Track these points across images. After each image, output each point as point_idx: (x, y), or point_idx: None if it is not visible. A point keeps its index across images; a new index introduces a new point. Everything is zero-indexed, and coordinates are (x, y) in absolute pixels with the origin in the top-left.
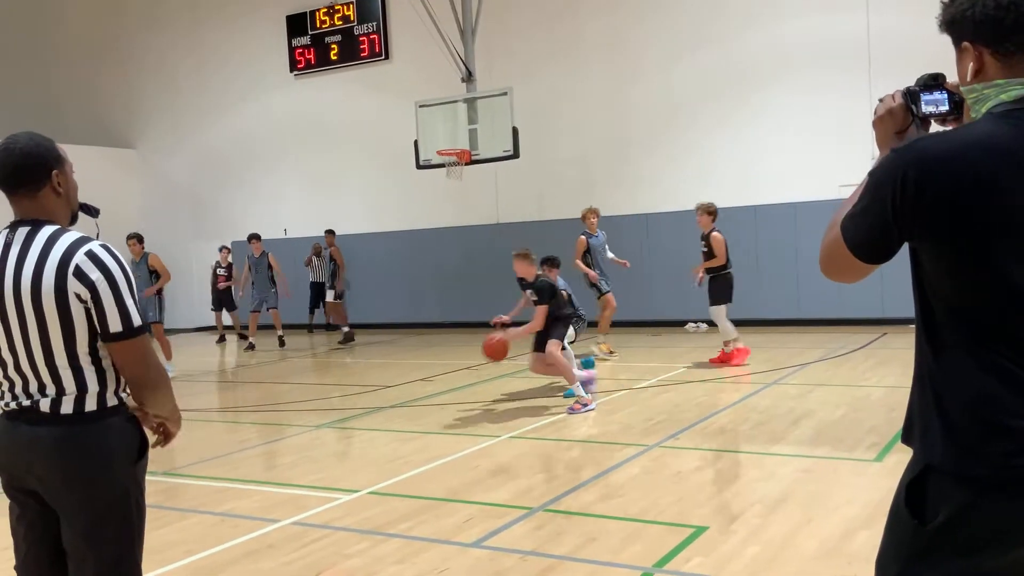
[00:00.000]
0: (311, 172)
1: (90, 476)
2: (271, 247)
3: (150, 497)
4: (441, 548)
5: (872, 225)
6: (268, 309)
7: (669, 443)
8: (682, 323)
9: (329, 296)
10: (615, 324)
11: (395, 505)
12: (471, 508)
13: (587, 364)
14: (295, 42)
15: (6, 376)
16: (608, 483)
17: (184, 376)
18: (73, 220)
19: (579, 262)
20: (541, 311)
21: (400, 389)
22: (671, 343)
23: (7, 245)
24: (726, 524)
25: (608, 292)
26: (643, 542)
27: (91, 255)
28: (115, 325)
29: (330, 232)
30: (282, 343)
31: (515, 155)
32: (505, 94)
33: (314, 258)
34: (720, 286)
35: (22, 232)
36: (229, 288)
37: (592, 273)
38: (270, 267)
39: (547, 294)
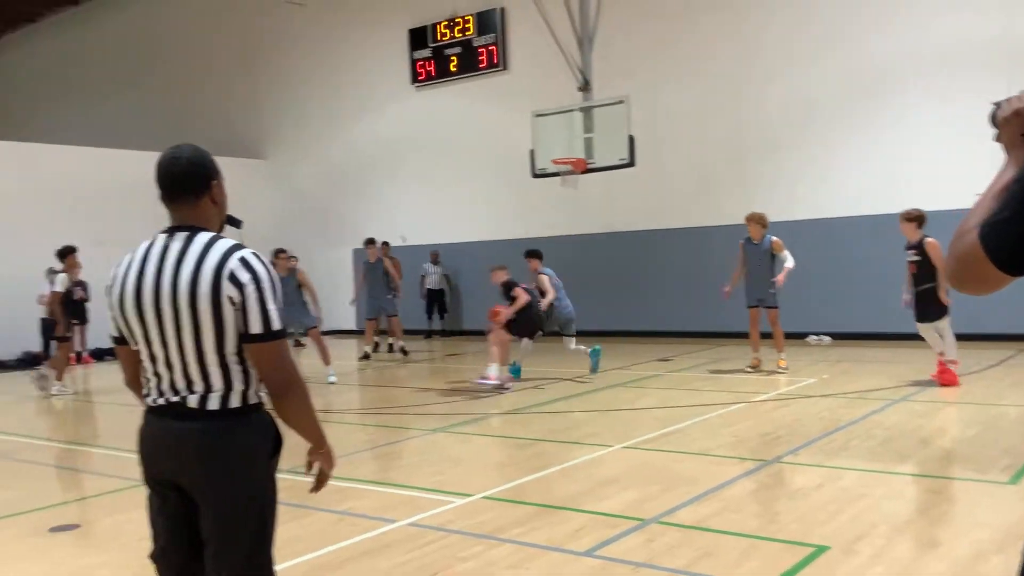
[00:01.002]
0: (429, 181)
1: (232, 470)
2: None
3: None
4: (553, 555)
5: (1021, 234)
6: (388, 316)
7: (789, 459)
8: (803, 335)
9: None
10: (733, 336)
11: (508, 510)
12: (583, 517)
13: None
14: (416, 55)
15: (155, 372)
16: (724, 497)
17: (306, 378)
18: (221, 229)
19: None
20: (519, 299)
21: (513, 396)
22: (791, 356)
23: (165, 249)
24: (849, 544)
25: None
26: (760, 559)
27: (243, 261)
28: (255, 327)
29: (384, 244)
30: (404, 352)
31: (631, 163)
32: (622, 102)
33: (431, 265)
34: (933, 296)
35: (180, 237)
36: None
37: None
38: (386, 273)
39: (506, 291)
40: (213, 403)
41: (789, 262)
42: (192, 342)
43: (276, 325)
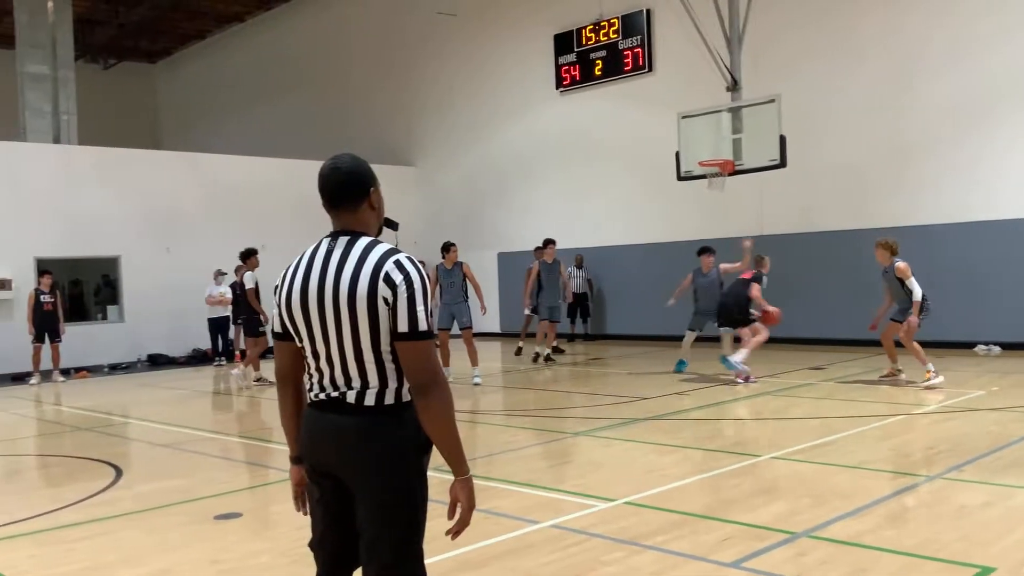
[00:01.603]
0: (573, 185)
1: (385, 463)
2: (532, 258)
3: None
4: (698, 565)
5: None
6: (551, 321)
7: (952, 475)
8: (971, 345)
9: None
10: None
11: (651, 517)
12: (730, 527)
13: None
14: (561, 60)
15: (318, 368)
16: (881, 513)
17: (453, 379)
18: (379, 232)
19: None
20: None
21: (656, 402)
22: (958, 366)
23: (329, 252)
24: (1017, 567)
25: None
26: None
27: (398, 263)
28: (402, 325)
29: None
30: (554, 353)
31: (782, 164)
32: (772, 101)
33: (575, 269)
34: None
35: (342, 241)
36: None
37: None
38: (559, 274)
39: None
40: (369, 399)
41: (915, 293)
42: (351, 340)
43: (423, 326)
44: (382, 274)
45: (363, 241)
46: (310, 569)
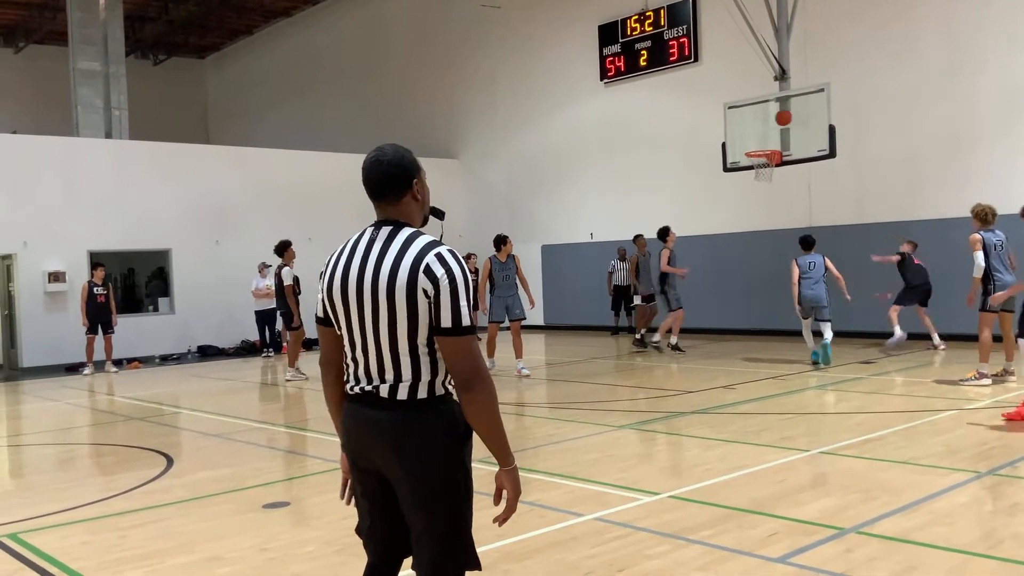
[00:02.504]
0: (617, 177)
1: (421, 457)
2: (577, 250)
3: None
4: (744, 560)
5: None
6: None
7: (1007, 471)
8: None
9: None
10: (944, 337)
11: (696, 511)
12: (776, 522)
13: None
14: (606, 51)
15: (354, 357)
16: (931, 509)
17: (497, 372)
18: (424, 222)
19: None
20: None
21: (702, 395)
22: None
23: (371, 242)
24: None
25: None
26: None
27: (440, 256)
28: (445, 321)
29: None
30: (675, 347)
31: (831, 155)
32: (822, 90)
33: (618, 261)
34: None
35: (384, 231)
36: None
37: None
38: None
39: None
40: (402, 393)
41: (976, 268)
42: (387, 331)
43: (465, 321)
44: (423, 266)
45: (405, 232)
46: (356, 558)
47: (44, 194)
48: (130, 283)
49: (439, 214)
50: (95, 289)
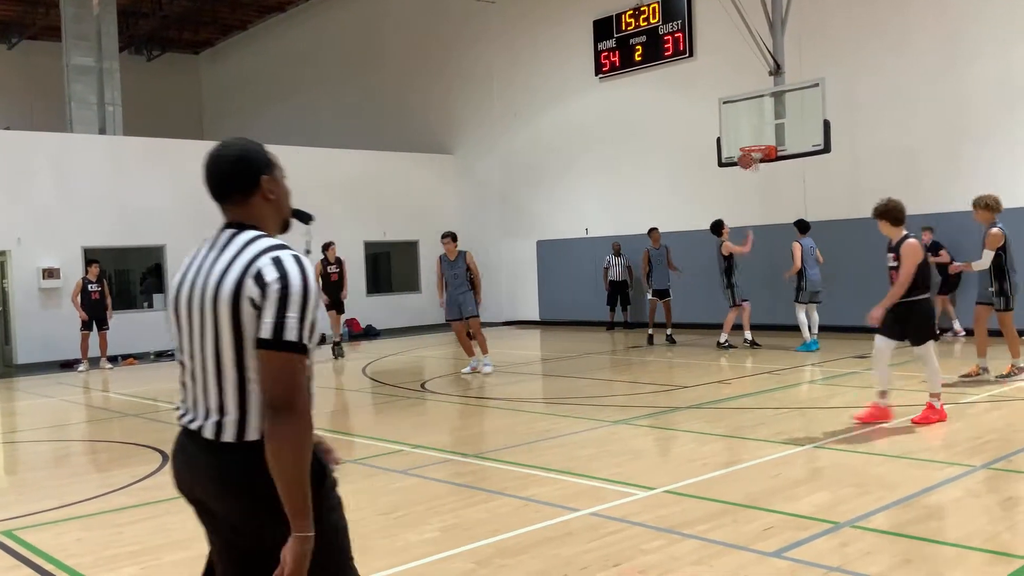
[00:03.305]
0: (612, 172)
1: (261, 517)
2: (572, 246)
3: (463, 477)
4: (739, 554)
5: None
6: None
7: (1001, 465)
8: (1021, 332)
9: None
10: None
11: (692, 506)
12: (771, 516)
13: None
14: (601, 46)
15: (182, 381)
16: (926, 503)
17: (494, 367)
18: (285, 228)
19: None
20: None
21: (698, 390)
22: (1008, 355)
23: (210, 249)
24: None
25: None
26: (965, 570)
27: (277, 261)
28: (265, 330)
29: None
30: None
31: (826, 149)
32: (816, 85)
33: (613, 256)
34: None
35: (225, 235)
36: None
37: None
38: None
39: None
40: (227, 433)
41: (982, 262)
42: (212, 351)
43: (290, 335)
44: (253, 271)
45: (245, 235)
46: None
47: (38, 191)
48: (125, 279)
49: (304, 217)
50: (89, 286)
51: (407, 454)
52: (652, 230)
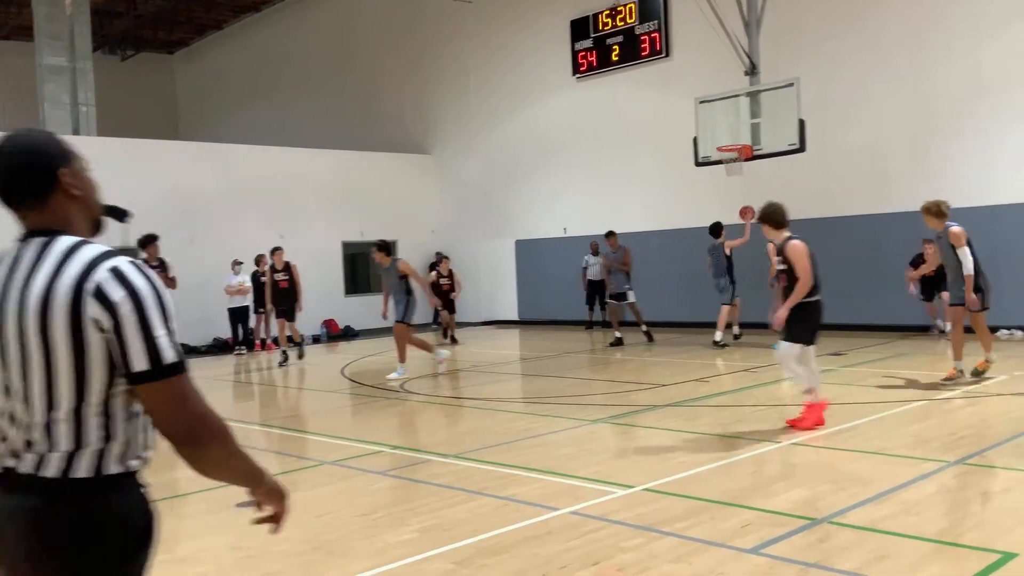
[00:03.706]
0: (590, 172)
1: (68, 570)
2: (550, 245)
3: (442, 478)
4: (717, 551)
5: None
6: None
7: (975, 460)
8: (993, 329)
9: (631, 296)
10: (910, 329)
11: (670, 503)
12: (749, 513)
13: None
14: (578, 46)
15: None
16: (901, 499)
17: (473, 367)
18: (96, 228)
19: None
20: None
21: (676, 388)
22: (981, 351)
23: (15, 262)
24: None
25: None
26: (941, 565)
27: (116, 272)
28: (139, 362)
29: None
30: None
31: (801, 149)
32: (791, 85)
33: (591, 256)
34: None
35: (35, 245)
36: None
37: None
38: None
39: None
40: (52, 467)
41: (966, 266)
42: (41, 382)
43: (168, 356)
44: (90, 288)
45: (63, 242)
46: (332, 556)
47: None
48: None
49: (119, 214)
50: None
51: (386, 455)
52: (609, 234)
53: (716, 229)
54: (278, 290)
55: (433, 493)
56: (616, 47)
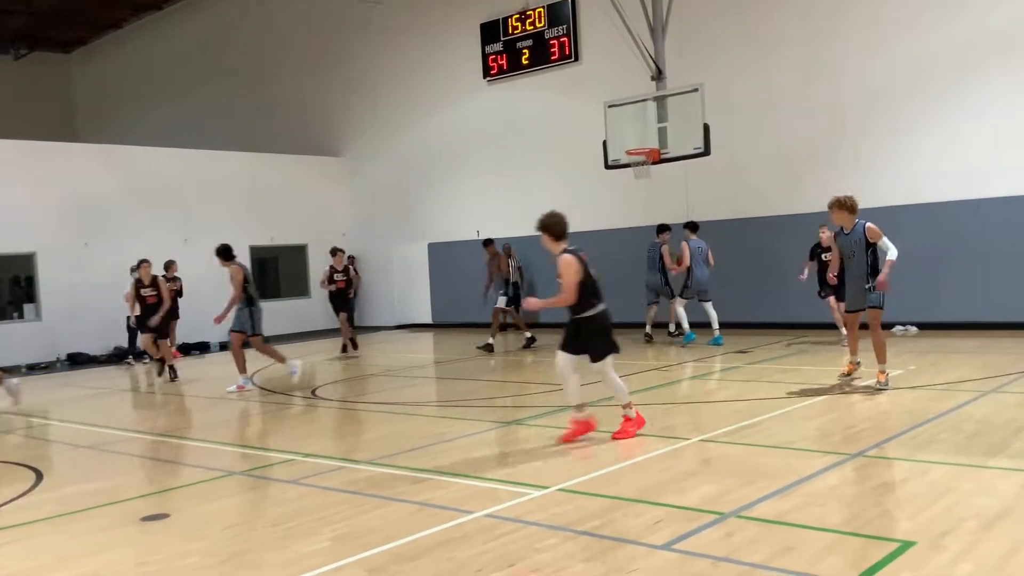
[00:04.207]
0: (503, 174)
1: None
2: (463, 248)
3: (356, 484)
4: (630, 548)
5: None
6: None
7: (874, 452)
8: (889, 326)
9: (500, 302)
10: (813, 327)
11: (584, 503)
12: (661, 510)
13: None
14: (488, 49)
15: None
16: (806, 492)
17: (386, 371)
18: None
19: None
20: None
21: (589, 388)
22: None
23: None
24: (936, 540)
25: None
26: (843, 554)
27: None
28: None
29: (339, 251)
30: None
31: (706, 152)
32: (696, 90)
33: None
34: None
35: None
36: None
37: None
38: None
39: None
40: None
41: (891, 253)
42: None
43: None
44: None
45: None
46: (242, 569)
47: None
48: None
49: None
50: None
51: (298, 463)
52: (486, 242)
53: (662, 228)
54: (146, 306)
55: (346, 500)
56: (526, 51)
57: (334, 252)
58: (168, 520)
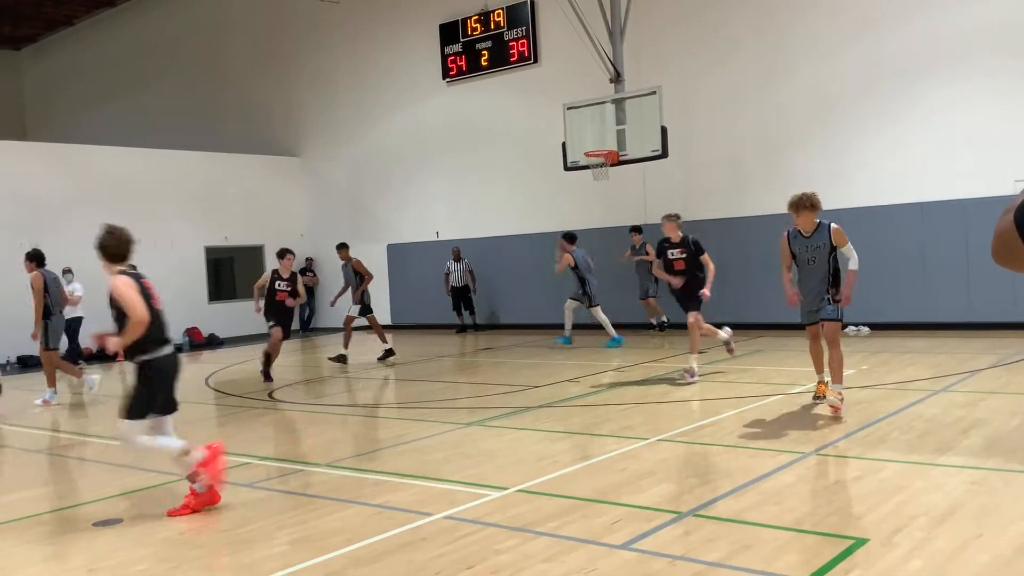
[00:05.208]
0: (461, 176)
1: None
2: (422, 249)
3: (313, 488)
4: (589, 548)
5: None
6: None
7: (827, 451)
8: (843, 326)
9: (353, 311)
10: (767, 327)
11: (543, 504)
12: (619, 510)
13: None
14: (447, 50)
15: None
16: (761, 490)
17: (344, 374)
18: None
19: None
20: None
21: (547, 389)
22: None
23: None
24: (888, 537)
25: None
26: (798, 552)
27: None
28: None
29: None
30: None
31: (664, 155)
32: (654, 93)
33: (452, 262)
34: None
35: None
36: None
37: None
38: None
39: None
40: None
41: (853, 262)
42: None
43: None
44: None
45: None
46: (193, 572)
47: None
48: None
49: None
50: None
51: (254, 467)
52: (340, 245)
53: (637, 229)
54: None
55: (303, 504)
56: (485, 52)
57: (282, 254)
58: (120, 526)
